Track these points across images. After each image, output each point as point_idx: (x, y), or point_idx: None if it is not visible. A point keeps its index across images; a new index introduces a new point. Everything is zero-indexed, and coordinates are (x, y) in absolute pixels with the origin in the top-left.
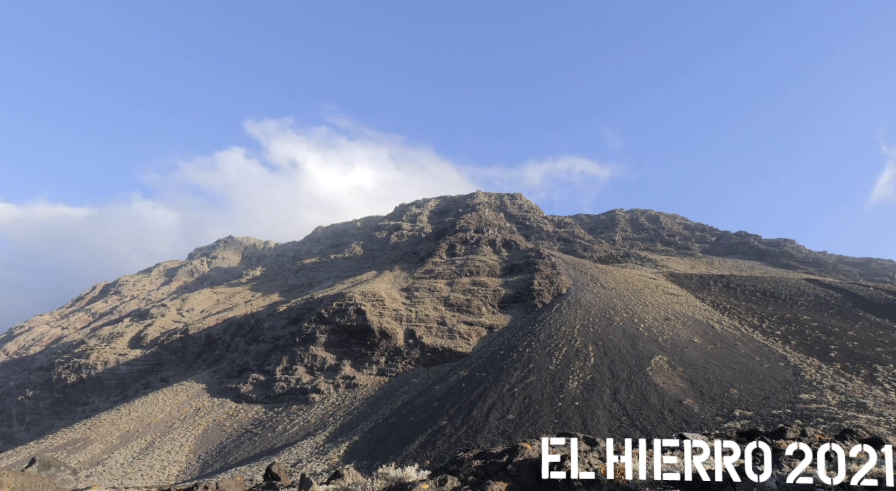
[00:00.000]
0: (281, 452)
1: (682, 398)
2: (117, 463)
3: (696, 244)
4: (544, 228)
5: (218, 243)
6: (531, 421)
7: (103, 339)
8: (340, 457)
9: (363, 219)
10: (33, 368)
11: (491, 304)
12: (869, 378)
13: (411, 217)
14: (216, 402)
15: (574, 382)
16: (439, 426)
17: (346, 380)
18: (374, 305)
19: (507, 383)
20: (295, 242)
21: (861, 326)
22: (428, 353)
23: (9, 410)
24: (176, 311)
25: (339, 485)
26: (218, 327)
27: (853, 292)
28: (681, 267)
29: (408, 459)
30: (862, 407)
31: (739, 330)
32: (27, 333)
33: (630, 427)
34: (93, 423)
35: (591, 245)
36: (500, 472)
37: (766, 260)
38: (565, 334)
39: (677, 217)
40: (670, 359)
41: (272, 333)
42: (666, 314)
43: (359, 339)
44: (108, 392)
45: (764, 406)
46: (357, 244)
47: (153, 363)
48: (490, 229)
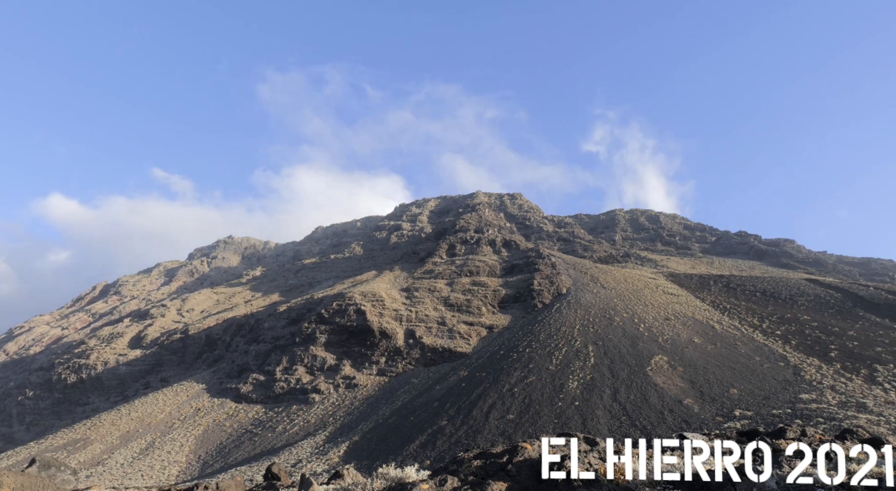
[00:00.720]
0: (281, 452)
1: (682, 398)
2: (117, 463)
3: (696, 244)
4: (544, 228)
5: (218, 243)
6: (531, 421)
7: (103, 339)
8: (340, 457)
9: (363, 219)
10: (33, 369)
11: (491, 304)
12: (869, 378)
13: (411, 217)
14: (216, 402)
15: (574, 382)
16: (439, 426)
17: (346, 380)
18: (374, 305)
19: (507, 383)
20: (295, 242)
21: (861, 326)
22: (428, 353)
23: (9, 411)
24: (176, 311)
25: (339, 485)
26: (218, 327)
27: (853, 292)
28: (681, 267)
29: (408, 459)
30: (862, 407)
31: (739, 330)
32: (27, 334)
33: (630, 427)
34: (93, 423)
35: (591, 245)
36: (500, 472)
37: (766, 260)
38: (565, 334)
39: (677, 217)
40: (670, 359)
41: (272, 333)
42: (666, 314)
43: (359, 339)
44: (108, 392)
45: (764, 406)
46: (357, 244)
47: (153, 363)
48: (490, 229)
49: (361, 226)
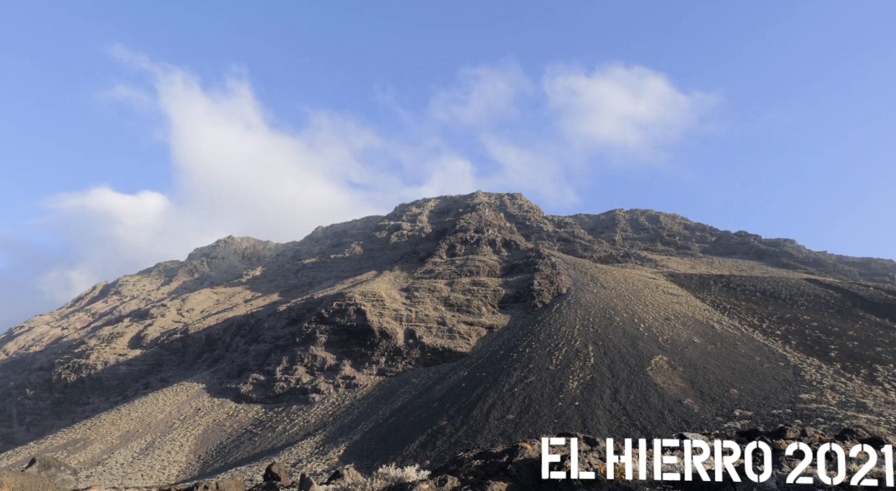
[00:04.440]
0: (281, 452)
1: (682, 398)
2: (117, 463)
3: (696, 244)
4: (544, 228)
5: (218, 243)
6: (531, 421)
7: (103, 339)
8: (340, 457)
9: (363, 219)
10: (33, 369)
11: (491, 304)
12: (869, 378)
13: (411, 217)
14: (216, 402)
15: (574, 382)
16: (439, 426)
17: (346, 380)
18: (374, 305)
19: (507, 383)
20: (295, 242)
21: (861, 326)
22: (428, 353)
23: (9, 411)
24: (176, 311)
25: (339, 485)
26: (218, 327)
27: (853, 292)
28: (681, 267)
29: (408, 459)
30: (862, 407)
31: (739, 330)
32: (27, 333)
33: (630, 427)
34: (93, 423)
35: (591, 245)
36: (500, 472)
37: (766, 260)
38: (565, 334)
39: (677, 217)
40: (670, 359)
41: (272, 333)
42: (666, 314)
43: (359, 339)
44: (108, 392)
45: (764, 406)
46: (357, 244)
47: (153, 363)
48: (490, 229)
49: (361, 226)
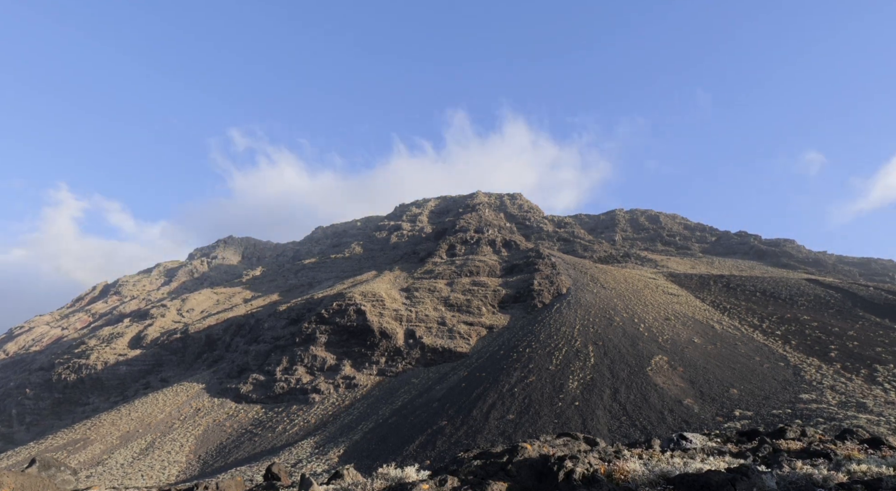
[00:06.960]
0: (281, 452)
1: (682, 398)
2: (117, 463)
3: (696, 244)
4: (544, 228)
5: (218, 243)
6: (531, 421)
7: (103, 339)
8: (340, 457)
9: (363, 219)
10: (33, 369)
11: (491, 304)
12: (869, 378)
13: (411, 217)
14: (216, 402)
15: (574, 382)
16: (439, 426)
17: (346, 380)
18: (374, 305)
19: (507, 383)
20: (295, 242)
21: (861, 326)
22: (428, 353)
23: (9, 411)
24: (176, 311)
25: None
26: (218, 327)
27: (853, 292)
28: (681, 267)
29: (408, 459)
30: (862, 407)
31: (739, 330)
32: (27, 334)
33: (630, 427)
34: (93, 423)
35: (591, 245)
36: (500, 472)
37: (766, 260)
38: (565, 334)
39: (677, 217)
40: (670, 359)
41: (272, 333)
42: (666, 314)
43: (359, 339)
44: (108, 392)
45: (764, 406)
46: (357, 244)
47: (153, 363)
48: (490, 229)
49: (361, 226)
